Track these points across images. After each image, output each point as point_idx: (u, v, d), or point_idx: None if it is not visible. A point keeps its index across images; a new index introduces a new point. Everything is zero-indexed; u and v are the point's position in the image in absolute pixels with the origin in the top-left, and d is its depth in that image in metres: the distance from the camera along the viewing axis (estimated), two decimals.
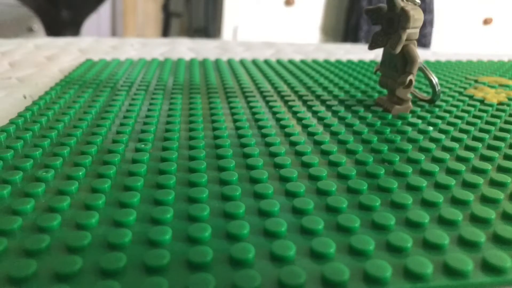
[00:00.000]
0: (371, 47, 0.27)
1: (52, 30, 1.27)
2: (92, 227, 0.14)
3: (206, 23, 1.60)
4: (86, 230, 0.14)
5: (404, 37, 0.25)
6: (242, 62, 0.45)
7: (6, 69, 0.43)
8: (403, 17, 0.24)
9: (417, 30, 0.25)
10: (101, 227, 0.14)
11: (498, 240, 0.14)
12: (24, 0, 1.27)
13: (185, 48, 0.62)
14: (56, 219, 0.14)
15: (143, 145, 0.21)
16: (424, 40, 1.39)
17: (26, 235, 0.14)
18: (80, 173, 0.18)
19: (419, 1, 0.25)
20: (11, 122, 0.23)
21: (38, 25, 1.37)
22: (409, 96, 0.27)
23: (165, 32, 1.77)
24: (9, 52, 0.53)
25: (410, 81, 0.26)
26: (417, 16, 0.24)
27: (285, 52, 0.62)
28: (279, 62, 0.46)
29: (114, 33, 1.72)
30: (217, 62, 0.45)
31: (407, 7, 0.24)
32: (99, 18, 1.61)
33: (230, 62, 0.45)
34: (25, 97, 0.32)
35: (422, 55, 0.61)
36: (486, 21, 1.50)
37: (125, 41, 0.67)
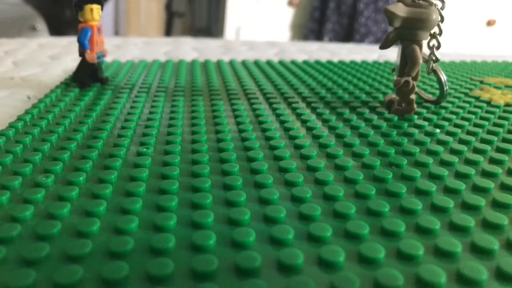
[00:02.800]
0: (382, 47, 0.26)
1: (55, 29, 1.27)
2: (93, 235, 0.14)
3: (209, 23, 1.59)
4: (87, 238, 0.14)
5: (391, 36, 0.24)
6: (244, 63, 0.44)
7: (10, 68, 0.43)
8: (385, 15, 0.24)
9: (419, 32, 0.24)
10: (102, 235, 0.14)
11: None
12: None
13: (189, 48, 0.62)
14: (56, 227, 0.14)
15: (145, 149, 0.20)
16: None
17: (25, 243, 0.13)
18: (81, 178, 0.17)
19: (435, 2, 0.24)
20: (11, 125, 0.23)
21: (41, 24, 1.37)
22: (412, 98, 0.26)
23: (168, 31, 1.76)
24: (12, 51, 0.53)
25: (407, 82, 0.25)
26: (412, 15, 0.24)
27: (288, 52, 0.61)
28: (281, 63, 0.45)
29: (117, 32, 1.71)
30: (218, 63, 0.44)
31: (396, 6, 0.24)
32: (102, 17, 1.61)
33: (232, 63, 0.44)
34: (29, 98, 0.31)
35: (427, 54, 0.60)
36: (490, 23, 1.50)
37: (129, 40, 0.67)
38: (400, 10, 0.24)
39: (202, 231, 0.14)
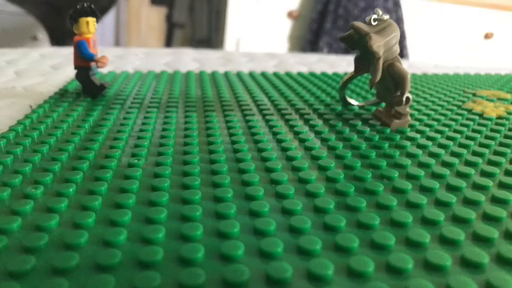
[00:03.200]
0: (357, 72, 0.27)
1: (56, 39, 1.27)
2: (80, 247, 0.14)
3: (209, 34, 1.60)
4: (74, 250, 0.13)
5: (379, 65, 0.24)
6: (239, 75, 0.45)
7: (12, 78, 0.43)
8: (370, 51, 0.24)
9: (395, 47, 0.25)
10: (90, 247, 0.14)
11: (502, 261, 0.13)
12: (28, 8, 1.27)
13: (189, 59, 0.62)
14: (43, 239, 0.14)
15: (136, 160, 0.20)
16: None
17: (11, 255, 0.13)
18: (71, 190, 0.17)
19: (387, 16, 0.25)
20: (2, 136, 0.23)
21: (42, 34, 1.37)
22: (408, 110, 0.27)
23: (168, 42, 1.77)
24: (14, 61, 0.53)
25: (408, 98, 0.25)
26: (386, 37, 0.24)
27: (288, 63, 0.62)
28: (276, 74, 0.45)
29: (117, 43, 1.72)
30: (213, 74, 0.44)
31: (372, 39, 0.24)
32: (103, 27, 1.61)
33: (227, 74, 0.44)
34: (31, 107, 0.31)
35: (423, 67, 0.61)
36: (487, 36, 1.52)
37: (130, 50, 0.67)
38: (378, 39, 0.24)
39: (191, 244, 0.14)
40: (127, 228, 0.15)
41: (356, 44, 0.26)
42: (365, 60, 0.26)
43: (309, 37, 1.45)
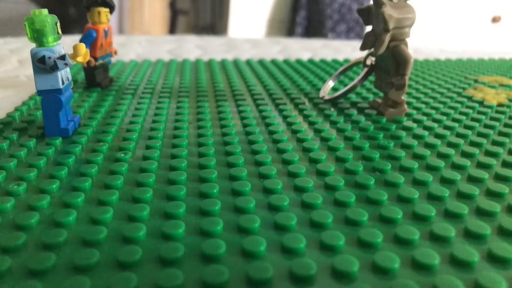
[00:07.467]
0: (363, 48, 0.26)
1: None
2: (100, 243, 0.13)
3: (213, 21, 1.59)
4: (94, 247, 0.13)
5: (386, 38, 0.24)
6: (248, 62, 0.44)
7: (15, 67, 0.43)
8: (380, 19, 0.23)
9: (406, 30, 0.24)
10: (109, 244, 0.13)
11: (494, 258, 0.13)
12: None
13: (192, 45, 0.61)
14: (62, 235, 0.14)
15: (150, 153, 0.20)
16: None
17: (30, 252, 0.13)
18: (87, 184, 0.17)
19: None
20: (15, 129, 0.23)
21: None
22: (404, 98, 0.26)
23: (172, 29, 1.76)
24: (17, 50, 0.52)
25: (403, 82, 0.24)
26: (401, 15, 0.23)
27: (292, 49, 0.61)
28: (266, 61, 0.45)
29: (121, 30, 1.71)
30: (223, 62, 0.44)
31: (387, 8, 0.23)
32: None
33: (236, 62, 0.44)
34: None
35: (429, 52, 0.60)
36: (495, 19, 1.49)
37: (133, 38, 0.66)
38: (394, 11, 0.23)
39: (212, 239, 0.13)
40: (146, 223, 0.14)
41: (371, 18, 0.25)
42: (374, 36, 0.26)
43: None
